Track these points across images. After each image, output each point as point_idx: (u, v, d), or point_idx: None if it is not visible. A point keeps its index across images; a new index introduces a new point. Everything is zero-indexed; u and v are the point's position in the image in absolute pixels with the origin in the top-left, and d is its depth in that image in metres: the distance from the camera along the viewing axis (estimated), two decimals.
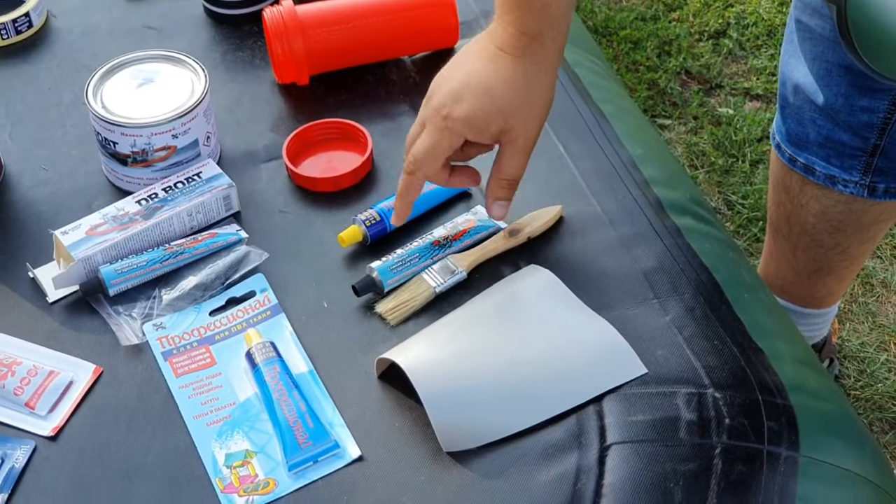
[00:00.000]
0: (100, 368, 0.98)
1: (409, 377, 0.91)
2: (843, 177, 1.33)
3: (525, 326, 0.95)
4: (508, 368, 0.93)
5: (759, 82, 2.22)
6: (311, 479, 0.89)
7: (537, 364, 0.92)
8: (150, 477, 0.90)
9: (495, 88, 0.95)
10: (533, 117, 0.97)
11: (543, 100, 0.98)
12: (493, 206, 1.01)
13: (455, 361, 0.92)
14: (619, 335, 0.95)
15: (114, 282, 1.02)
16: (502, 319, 0.96)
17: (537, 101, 0.97)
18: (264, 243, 1.07)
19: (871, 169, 1.30)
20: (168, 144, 1.09)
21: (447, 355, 0.93)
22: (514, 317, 0.96)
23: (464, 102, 0.95)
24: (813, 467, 0.89)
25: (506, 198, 1.01)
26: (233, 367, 0.98)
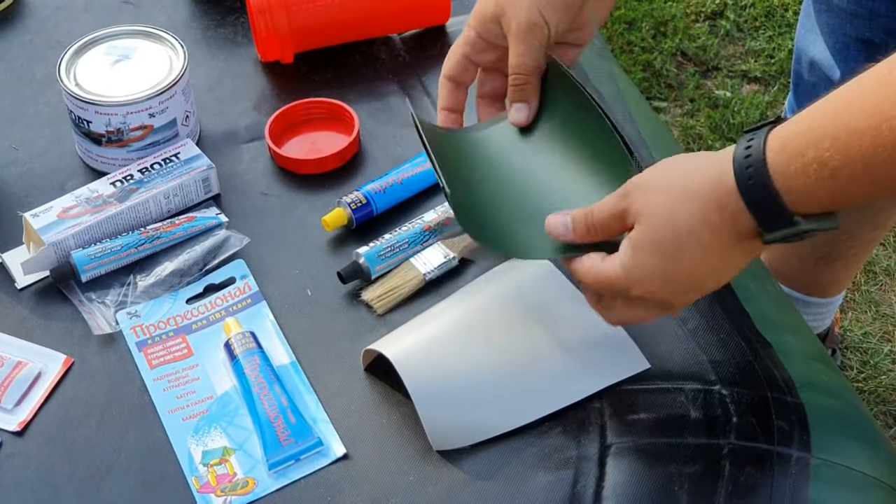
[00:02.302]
0: (70, 359, 0.93)
1: (398, 370, 0.85)
2: None
3: (520, 317, 0.90)
4: (503, 362, 0.88)
5: (757, 64, 2.17)
6: (292, 478, 0.84)
7: (533, 358, 0.87)
8: (122, 475, 0.85)
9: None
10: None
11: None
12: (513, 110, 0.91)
13: (446, 354, 0.87)
14: (620, 327, 0.90)
15: (86, 267, 0.97)
16: (496, 310, 0.91)
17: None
18: (245, 228, 1.01)
19: None
20: (144, 124, 1.04)
21: (438, 348, 0.88)
22: (508, 307, 0.91)
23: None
24: (825, 469, 0.84)
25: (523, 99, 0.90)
26: (211, 358, 0.92)
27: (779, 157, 0.70)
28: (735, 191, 0.72)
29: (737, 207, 0.72)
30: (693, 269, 0.76)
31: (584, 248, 0.81)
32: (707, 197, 0.73)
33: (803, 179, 0.69)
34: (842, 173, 0.68)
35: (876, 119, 0.67)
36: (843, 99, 0.70)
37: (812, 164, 0.69)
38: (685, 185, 0.75)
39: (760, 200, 0.71)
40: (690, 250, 0.75)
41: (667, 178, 0.76)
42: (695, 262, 0.75)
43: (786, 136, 0.71)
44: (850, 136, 0.68)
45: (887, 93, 0.67)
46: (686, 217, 0.74)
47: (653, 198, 0.75)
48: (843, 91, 0.70)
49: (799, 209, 0.71)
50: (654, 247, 0.75)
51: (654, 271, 0.76)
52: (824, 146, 0.68)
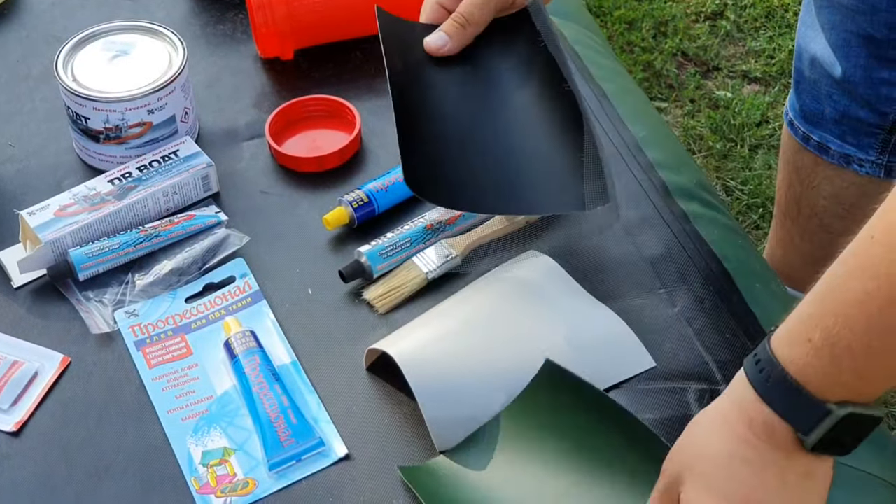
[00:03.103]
0: (67, 358, 0.91)
1: (402, 370, 0.84)
2: (858, 156, 1.28)
3: (525, 316, 0.89)
4: (507, 361, 0.86)
5: (757, 65, 2.16)
6: (293, 479, 0.83)
7: (538, 357, 0.86)
8: (120, 476, 0.84)
9: None
10: None
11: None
12: None
13: (450, 354, 0.86)
14: (626, 325, 0.89)
15: (84, 266, 0.95)
16: (501, 309, 0.90)
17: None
18: (245, 226, 1.00)
19: (888, 147, 1.25)
20: (143, 120, 1.02)
21: (442, 347, 0.87)
22: (513, 306, 0.90)
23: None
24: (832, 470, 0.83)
25: None
26: (210, 357, 0.91)
27: (788, 350, 0.67)
28: (757, 400, 0.68)
29: (765, 416, 0.68)
30: (753, 495, 0.69)
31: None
32: (734, 418, 0.69)
33: (818, 364, 0.66)
34: (857, 347, 0.64)
35: (875, 281, 0.63)
36: (835, 274, 0.66)
37: (823, 347, 0.65)
38: (710, 421, 0.71)
39: (784, 398, 0.67)
40: (740, 472, 0.69)
41: (693, 429, 0.73)
42: (753, 487, 0.69)
43: (789, 329, 0.68)
44: (854, 307, 0.64)
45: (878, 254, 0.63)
46: (721, 443, 0.70)
47: (687, 452, 0.72)
48: (832, 270, 0.66)
49: (828, 396, 0.66)
50: (707, 489, 0.70)
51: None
52: (829, 324, 0.65)
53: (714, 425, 0.71)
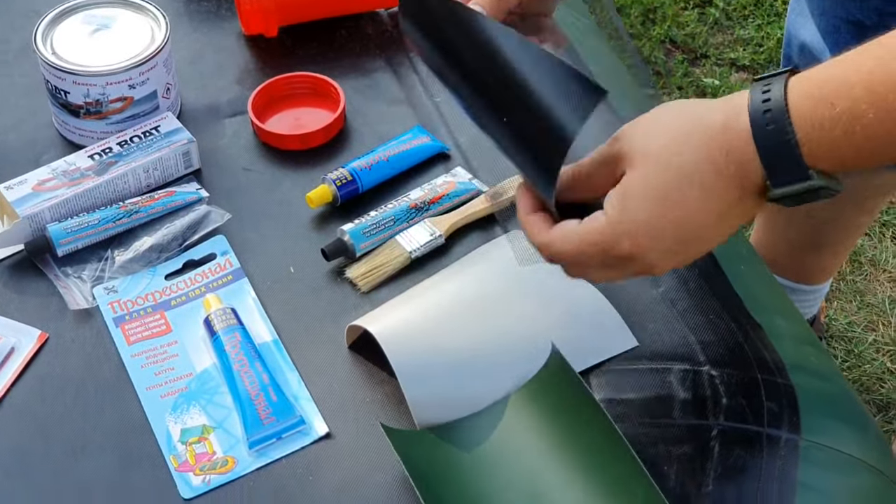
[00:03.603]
0: (45, 334, 0.90)
1: (382, 347, 0.83)
2: None
3: (508, 295, 0.88)
4: (488, 339, 0.86)
5: (745, 53, 2.15)
6: (273, 457, 0.82)
7: (521, 335, 0.85)
8: (97, 453, 0.83)
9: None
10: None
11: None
12: None
13: (432, 331, 0.85)
14: (610, 305, 0.88)
15: (62, 241, 0.94)
16: (483, 287, 0.89)
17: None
18: (226, 203, 0.99)
19: None
20: (124, 95, 1.01)
21: (423, 324, 0.86)
22: (496, 285, 0.89)
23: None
24: (815, 451, 0.82)
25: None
26: (190, 335, 0.90)
27: (804, 102, 0.63)
28: (748, 135, 0.64)
29: (746, 154, 0.64)
30: (688, 220, 0.67)
31: None
32: (715, 139, 0.65)
33: (829, 132, 0.62)
34: (876, 131, 0.61)
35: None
36: (880, 50, 0.63)
37: (843, 116, 0.61)
38: (690, 123, 0.66)
39: (776, 148, 0.63)
40: (690, 196, 0.66)
41: (667, 117, 0.68)
42: (691, 211, 0.66)
43: (813, 80, 0.63)
44: (884, 88, 0.60)
45: None
46: (689, 158, 0.65)
47: (651, 139, 0.67)
48: (879, 42, 0.62)
49: (817, 164, 0.63)
50: (650, 191, 0.66)
51: (646, 221, 0.67)
52: (859, 96, 0.61)
53: (689, 130, 0.66)
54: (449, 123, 1.06)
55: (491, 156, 1.03)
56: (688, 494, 0.79)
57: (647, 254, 0.68)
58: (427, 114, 1.07)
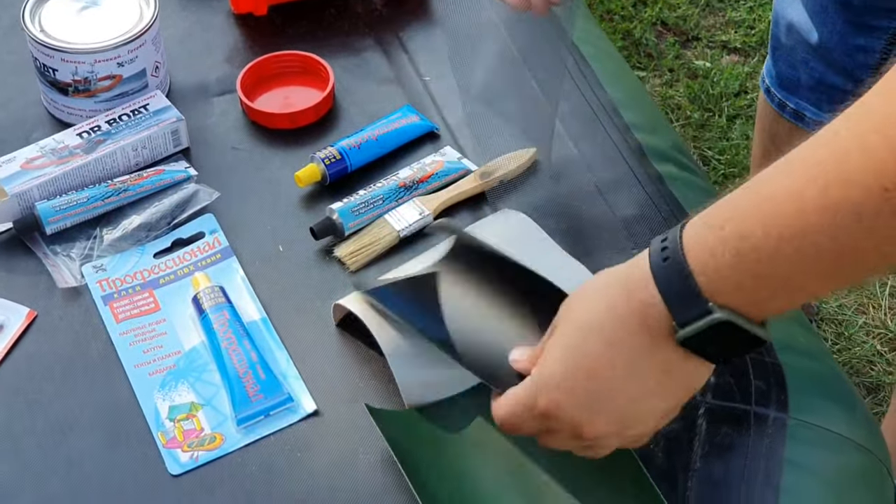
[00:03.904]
0: (34, 312, 0.90)
1: (369, 327, 0.83)
2: None
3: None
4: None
5: (737, 35, 2.15)
6: (261, 434, 0.82)
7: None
8: (85, 430, 0.83)
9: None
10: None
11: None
12: None
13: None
14: None
15: (51, 219, 0.94)
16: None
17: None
18: (215, 182, 0.99)
19: None
20: (113, 73, 1.01)
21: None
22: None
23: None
24: (802, 430, 0.83)
25: None
26: (178, 313, 0.90)
27: (697, 232, 0.62)
28: (648, 275, 0.63)
29: (647, 296, 0.63)
30: (596, 371, 0.66)
31: None
32: (617, 286, 0.66)
33: (721, 257, 0.61)
34: (768, 252, 0.59)
35: (799, 183, 0.58)
36: (771, 170, 0.61)
37: (731, 238, 0.60)
38: (601, 284, 0.67)
39: (673, 282, 0.62)
40: (594, 348, 0.66)
41: (594, 280, 0.69)
42: (599, 363, 0.66)
43: (708, 212, 0.63)
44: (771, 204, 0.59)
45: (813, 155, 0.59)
46: (595, 312, 0.66)
47: (574, 303, 0.69)
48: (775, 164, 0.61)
49: (718, 297, 0.61)
50: (562, 349, 0.67)
51: (557, 374, 0.67)
52: (745, 215, 0.60)
53: (598, 286, 0.67)
54: (438, 103, 1.06)
55: (480, 136, 1.03)
56: (675, 472, 0.79)
57: (565, 409, 0.68)
58: (416, 93, 1.07)
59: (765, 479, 0.79)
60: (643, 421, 0.68)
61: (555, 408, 0.68)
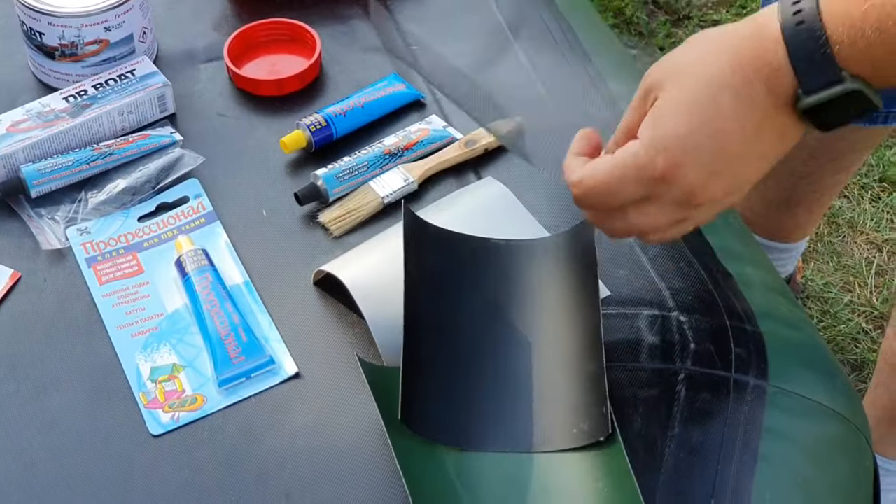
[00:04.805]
0: (17, 273, 0.90)
1: (351, 293, 0.84)
2: None
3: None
4: None
5: (728, 15, 2.15)
6: (243, 395, 0.82)
7: None
8: (67, 390, 0.83)
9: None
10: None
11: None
12: None
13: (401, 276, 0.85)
14: None
15: (36, 182, 0.94)
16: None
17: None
18: (201, 148, 0.99)
19: None
20: (100, 38, 1.01)
21: (393, 269, 0.86)
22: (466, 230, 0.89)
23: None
24: (782, 398, 0.83)
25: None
26: (162, 276, 0.90)
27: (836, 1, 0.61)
28: (778, 39, 0.61)
29: (777, 59, 0.62)
30: (723, 130, 0.63)
31: None
32: (745, 47, 0.63)
33: (860, 29, 0.59)
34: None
35: None
36: None
37: (873, 12, 0.59)
38: (718, 40, 0.64)
39: (806, 47, 0.60)
40: (723, 105, 0.63)
41: (694, 40, 0.66)
42: (726, 121, 0.63)
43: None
44: None
45: None
46: (719, 68, 0.63)
47: (680, 61, 0.65)
48: None
49: (850, 66, 0.60)
50: (683, 105, 0.64)
51: (681, 134, 0.63)
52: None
53: (718, 45, 0.64)
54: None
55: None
56: (653, 437, 0.79)
57: (685, 172, 0.64)
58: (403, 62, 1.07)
59: (743, 446, 0.80)
60: (749, 184, 0.66)
61: (675, 170, 0.64)
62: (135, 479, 0.78)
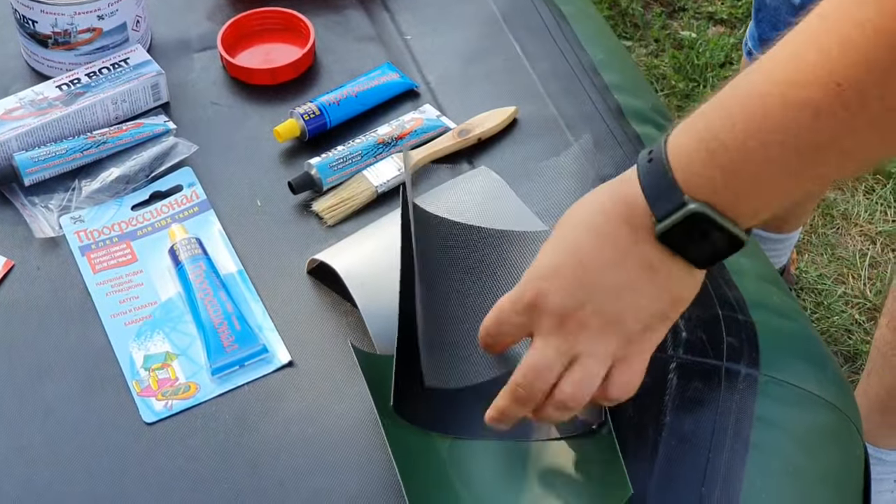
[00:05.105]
0: (11, 262, 0.90)
1: (345, 282, 0.84)
2: None
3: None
4: None
5: (723, 7, 2.15)
6: (235, 384, 0.83)
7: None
8: (61, 378, 0.83)
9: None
10: None
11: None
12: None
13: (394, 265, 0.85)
14: None
15: (29, 170, 0.94)
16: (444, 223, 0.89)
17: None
18: (194, 137, 0.99)
19: None
20: (93, 26, 1.01)
21: (387, 258, 0.86)
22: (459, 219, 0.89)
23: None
24: (773, 387, 0.83)
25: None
26: (155, 264, 0.90)
27: (677, 135, 0.66)
28: (633, 178, 0.67)
29: (632, 194, 0.67)
30: (583, 262, 0.68)
31: None
32: (608, 191, 0.70)
33: (695, 153, 0.64)
34: (732, 143, 0.63)
35: (762, 83, 0.62)
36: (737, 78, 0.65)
37: (704, 136, 0.64)
38: (596, 192, 0.71)
39: (653, 179, 0.66)
40: (584, 241, 0.69)
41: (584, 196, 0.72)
42: (586, 253, 0.68)
43: (687, 118, 0.66)
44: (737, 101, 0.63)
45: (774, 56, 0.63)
46: (586, 211, 0.70)
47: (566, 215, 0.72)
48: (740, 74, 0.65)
49: (693, 192, 0.65)
50: (550, 245, 0.71)
51: (546, 264, 0.70)
52: (714, 116, 0.64)
53: (594, 194, 0.71)
54: (418, 61, 1.06)
55: (459, 94, 1.03)
56: (645, 425, 0.79)
57: (550, 297, 0.69)
58: (397, 51, 1.07)
59: (734, 434, 0.80)
60: (627, 318, 0.69)
61: (540, 296, 0.69)
62: (128, 467, 0.78)
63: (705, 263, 0.69)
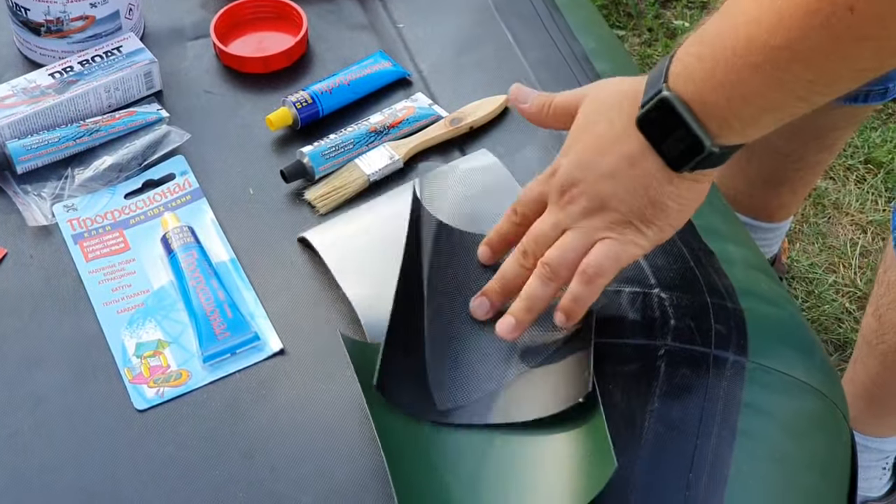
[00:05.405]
0: (3, 250, 0.91)
1: (334, 274, 0.84)
2: None
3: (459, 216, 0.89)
4: None
5: None
6: (227, 371, 0.83)
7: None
8: (53, 365, 0.84)
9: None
10: None
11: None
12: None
13: (385, 251, 0.86)
14: None
15: (22, 158, 0.94)
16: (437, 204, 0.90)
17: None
18: (187, 125, 0.99)
19: None
20: (86, 14, 1.01)
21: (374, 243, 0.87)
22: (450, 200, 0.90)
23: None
24: (761, 374, 0.84)
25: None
26: (148, 253, 0.91)
27: (684, 47, 0.72)
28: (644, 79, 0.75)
29: (638, 88, 0.74)
30: (588, 141, 0.76)
31: None
32: (636, 79, 0.76)
33: (687, 57, 0.70)
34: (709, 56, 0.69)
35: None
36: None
37: (697, 44, 0.70)
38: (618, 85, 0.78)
39: (656, 70, 0.73)
40: (597, 115, 0.76)
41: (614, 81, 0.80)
42: (593, 131, 0.76)
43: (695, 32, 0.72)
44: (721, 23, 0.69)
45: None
46: (608, 90, 0.78)
47: (598, 89, 0.80)
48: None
49: (674, 83, 0.71)
50: (576, 120, 0.78)
51: (568, 140, 0.78)
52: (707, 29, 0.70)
53: (621, 79, 0.79)
54: (411, 50, 1.06)
55: (451, 82, 1.04)
56: (633, 412, 0.80)
57: (559, 169, 0.77)
58: (389, 40, 1.08)
59: (722, 421, 0.81)
60: (609, 204, 0.75)
61: (554, 169, 0.78)
62: (119, 454, 0.79)
63: (677, 164, 0.73)
